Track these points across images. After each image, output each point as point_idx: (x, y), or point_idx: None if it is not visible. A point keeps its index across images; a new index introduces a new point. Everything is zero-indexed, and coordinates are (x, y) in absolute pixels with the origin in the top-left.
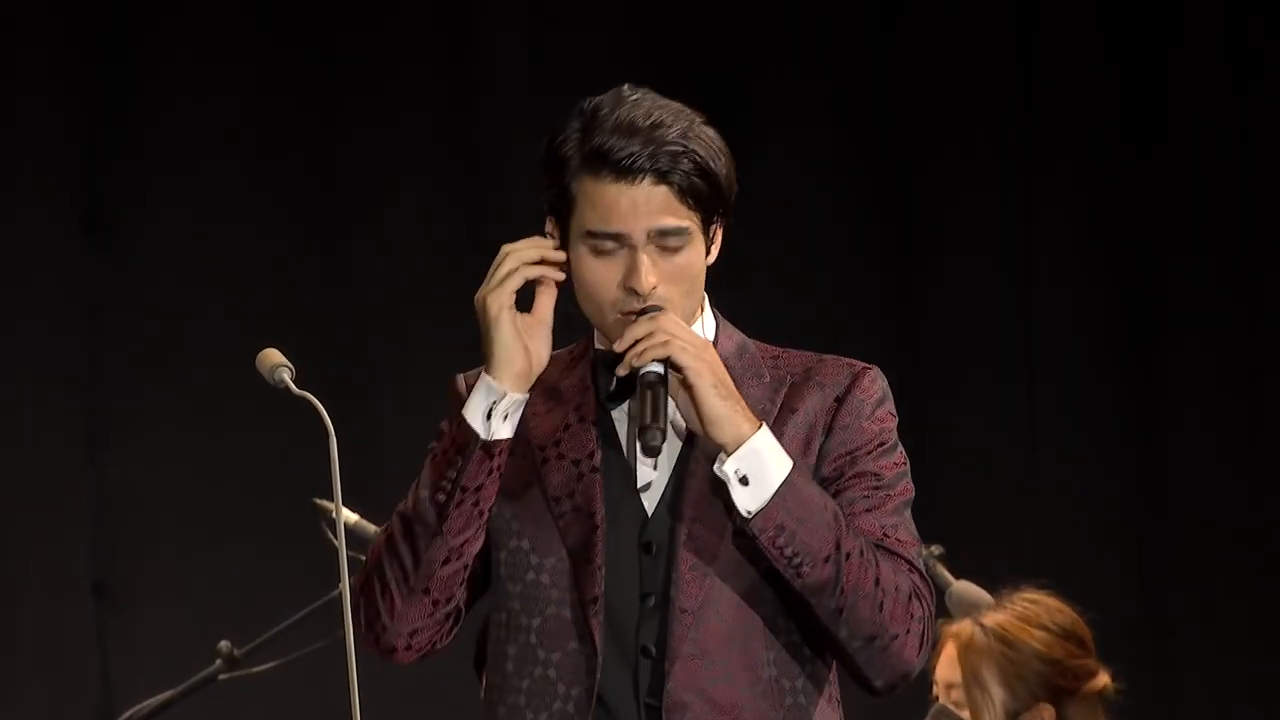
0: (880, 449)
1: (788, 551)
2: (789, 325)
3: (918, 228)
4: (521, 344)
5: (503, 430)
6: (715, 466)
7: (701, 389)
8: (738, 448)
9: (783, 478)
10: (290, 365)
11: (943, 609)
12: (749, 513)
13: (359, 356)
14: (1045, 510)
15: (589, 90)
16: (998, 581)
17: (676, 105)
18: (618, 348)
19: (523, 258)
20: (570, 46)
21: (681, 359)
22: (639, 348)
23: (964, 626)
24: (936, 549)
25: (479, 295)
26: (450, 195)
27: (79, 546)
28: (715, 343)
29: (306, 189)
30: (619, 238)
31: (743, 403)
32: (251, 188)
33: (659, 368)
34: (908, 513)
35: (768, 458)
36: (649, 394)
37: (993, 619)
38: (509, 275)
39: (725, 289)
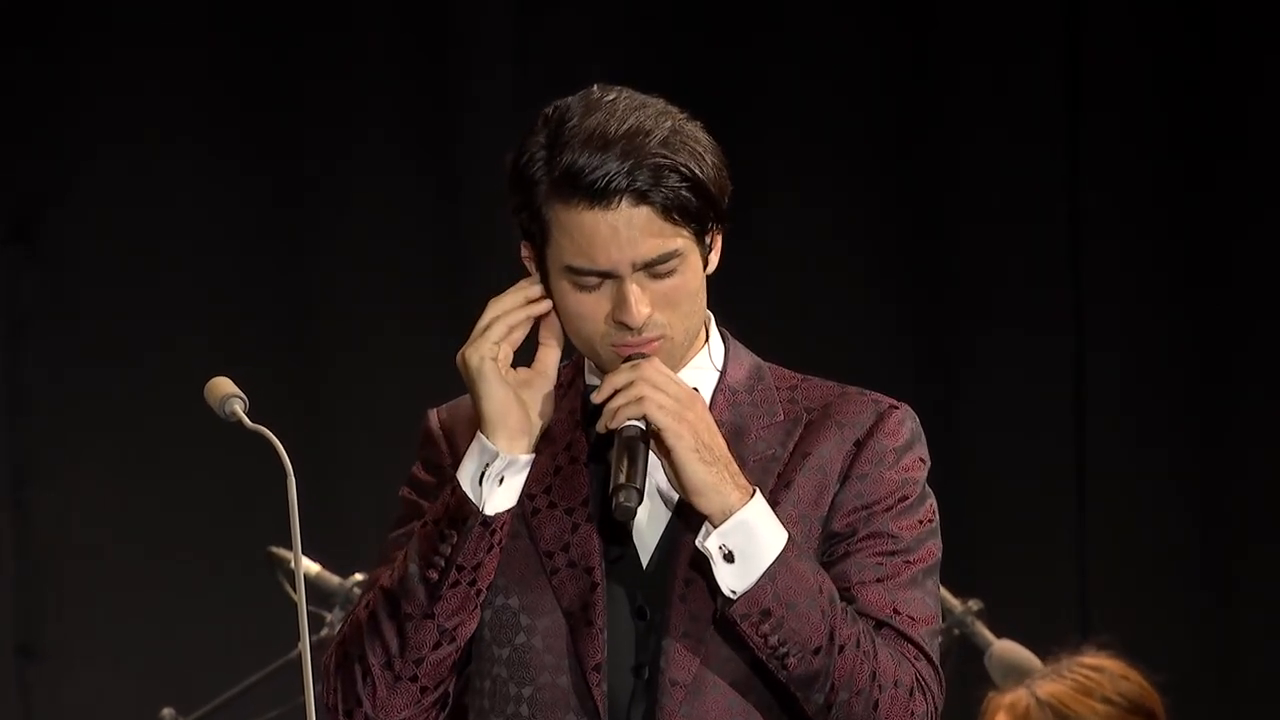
0: (902, 504)
1: (773, 640)
2: (824, 349)
3: (960, 246)
4: (513, 396)
5: (503, 499)
6: (698, 540)
7: (681, 453)
8: (724, 520)
9: (774, 555)
10: (243, 396)
11: (984, 673)
12: (733, 592)
13: (320, 386)
14: (1100, 553)
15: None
16: (1046, 639)
17: (655, 105)
18: (595, 399)
19: (503, 306)
20: (560, 46)
21: (659, 419)
22: (614, 403)
23: (1019, 697)
24: (975, 604)
25: (460, 354)
26: (422, 205)
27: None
28: (724, 370)
29: (260, 197)
30: (602, 274)
31: (732, 466)
32: (199, 196)
33: (642, 422)
34: (929, 582)
35: (759, 532)
36: (627, 450)
37: (1048, 689)
38: (489, 325)
39: (746, 304)
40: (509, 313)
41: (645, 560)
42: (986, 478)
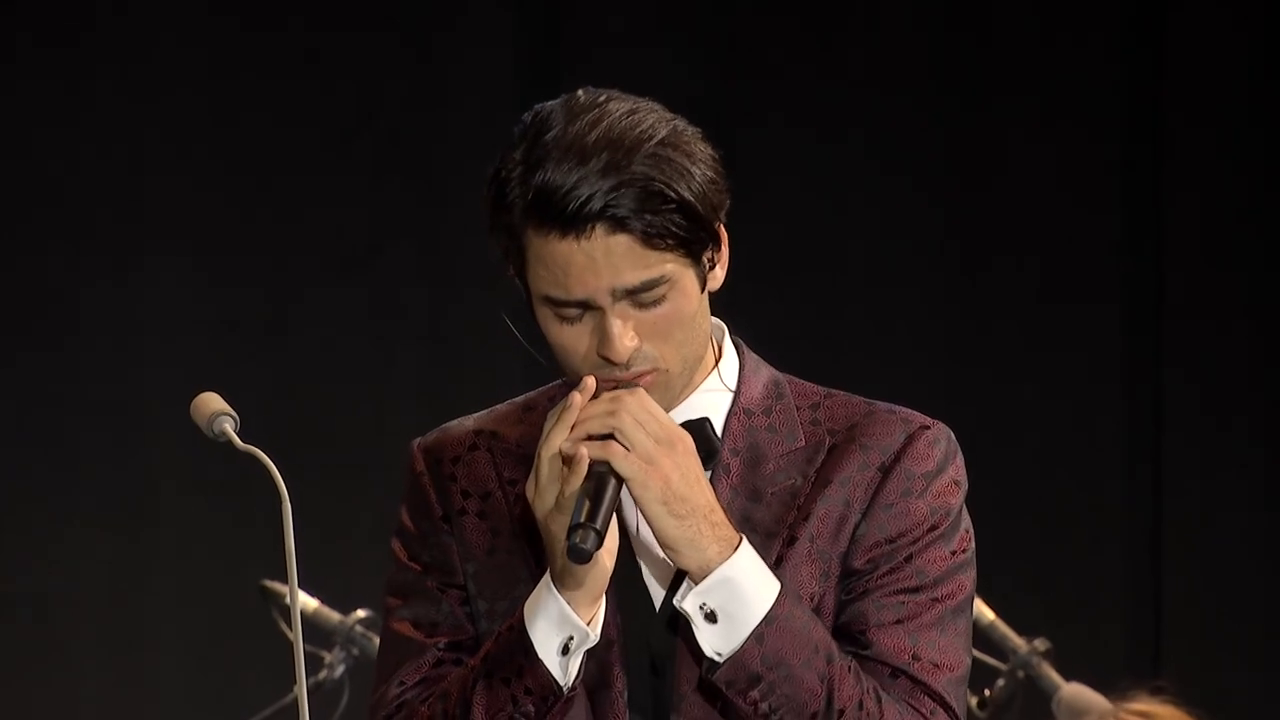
0: (931, 535)
1: (763, 707)
2: (878, 362)
3: (1026, 249)
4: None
5: (579, 659)
6: (675, 600)
7: (648, 505)
8: (703, 576)
9: (762, 614)
10: (234, 414)
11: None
12: (718, 655)
13: (318, 404)
14: (1174, 589)
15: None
16: (1118, 681)
17: (645, 113)
18: (571, 437)
19: (549, 446)
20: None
21: (623, 467)
22: (583, 428)
23: None
24: (1041, 643)
25: (538, 516)
26: (410, 211)
27: None
28: (739, 390)
29: (249, 203)
30: (581, 304)
31: (714, 514)
32: (188, 204)
33: None
34: (959, 622)
35: (743, 588)
36: (595, 485)
37: None
38: (538, 468)
39: (782, 302)
40: (555, 440)
41: (657, 610)
42: (1054, 502)
